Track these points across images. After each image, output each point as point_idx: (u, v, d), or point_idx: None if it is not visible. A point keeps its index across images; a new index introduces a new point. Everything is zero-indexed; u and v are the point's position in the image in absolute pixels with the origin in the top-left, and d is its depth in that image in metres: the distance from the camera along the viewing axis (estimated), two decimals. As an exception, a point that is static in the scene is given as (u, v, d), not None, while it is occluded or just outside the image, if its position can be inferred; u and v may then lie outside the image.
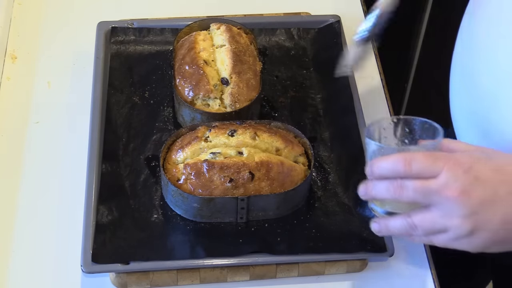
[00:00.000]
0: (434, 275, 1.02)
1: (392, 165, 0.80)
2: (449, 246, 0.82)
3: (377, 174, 0.82)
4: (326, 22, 1.25)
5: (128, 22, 1.23)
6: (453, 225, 0.79)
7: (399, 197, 0.80)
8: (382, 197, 0.83)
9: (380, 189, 0.82)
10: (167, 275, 0.97)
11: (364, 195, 0.85)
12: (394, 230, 0.85)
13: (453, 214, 0.79)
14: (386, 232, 0.86)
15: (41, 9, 1.32)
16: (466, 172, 0.78)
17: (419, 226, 0.81)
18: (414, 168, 0.79)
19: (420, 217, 0.81)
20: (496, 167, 0.79)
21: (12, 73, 1.22)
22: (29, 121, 1.16)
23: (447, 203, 0.78)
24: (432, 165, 0.79)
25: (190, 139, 1.02)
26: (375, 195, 0.83)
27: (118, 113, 1.12)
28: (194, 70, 1.09)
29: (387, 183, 0.81)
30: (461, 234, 0.80)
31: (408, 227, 0.82)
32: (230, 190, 0.98)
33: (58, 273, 1.00)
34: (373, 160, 0.83)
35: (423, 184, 0.79)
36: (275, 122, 1.07)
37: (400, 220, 0.83)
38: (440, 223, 0.80)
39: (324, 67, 1.20)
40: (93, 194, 1.01)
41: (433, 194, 0.79)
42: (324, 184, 1.06)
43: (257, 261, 0.97)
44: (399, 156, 0.80)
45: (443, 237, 0.81)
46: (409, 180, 0.80)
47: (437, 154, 0.80)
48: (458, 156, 0.80)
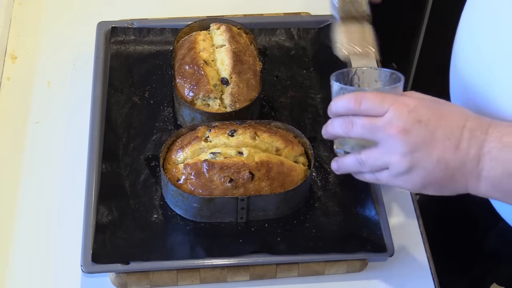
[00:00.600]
0: (434, 275, 1.02)
1: (346, 103, 0.87)
2: (390, 183, 0.88)
3: (333, 111, 0.90)
4: (326, 22, 1.25)
5: (128, 22, 1.23)
6: (393, 162, 0.85)
7: (349, 133, 0.87)
8: (336, 133, 0.90)
9: (334, 126, 0.89)
10: (167, 275, 0.97)
11: (324, 133, 0.92)
12: (347, 167, 0.92)
13: (393, 151, 0.85)
14: (342, 169, 0.93)
15: (41, 9, 1.32)
16: (409, 113, 0.84)
17: (365, 161, 0.88)
18: (363, 106, 0.86)
19: (367, 154, 0.88)
20: (439, 112, 0.85)
21: (12, 73, 1.22)
22: (29, 121, 1.16)
23: (389, 140, 0.85)
24: (380, 104, 0.85)
25: (190, 139, 1.02)
26: (331, 131, 0.91)
27: (118, 113, 1.12)
28: (194, 70, 1.09)
29: (340, 119, 0.89)
30: (400, 170, 0.85)
31: (357, 163, 0.89)
32: (230, 190, 0.98)
33: (58, 273, 1.00)
34: (333, 99, 0.90)
35: (370, 121, 0.85)
36: (275, 122, 1.07)
37: (352, 157, 0.90)
38: (383, 159, 0.86)
39: (324, 67, 1.20)
40: (93, 194, 1.01)
41: (377, 131, 0.85)
42: (324, 184, 1.06)
43: (257, 261, 0.97)
44: (352, 94, 0.87)
45: (386, 173, 0.87)
46: (358, 118, 0.86)
47: (386, 94, 0.86)
48: (405, 98, 0.86)
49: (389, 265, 1.02)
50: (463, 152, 0.83)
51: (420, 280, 1.01)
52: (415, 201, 1.09)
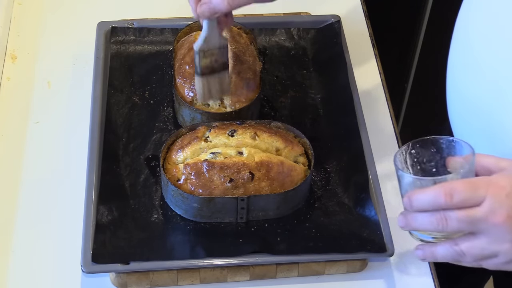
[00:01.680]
0: (434, 275, 1.02)
1: (433, 198, 0.80)
2: (500, 269, 0.83)
3: (417, 207, 0.82)
4: (326, 22, 1.25)
5: (128, 22, 1.23)
6: (503, 250, 0.80)
7: (443, 229, 0.80)
8: (425, 229, 0.83)
9: (422, 222, 0.82)
10: (167, 275, 0.97)
11: (405, 227, 0.84)
12: (439, 257, 0.84)
13: (502, 240, 0.79)
14: (432, 258, 0.86)
15: (41, 9, 1.32)
16: (508, 196, 0.78)
17: (468, 253, 0.82)
18: (455, 199, 0.79)
19: (468, 245, 0.81)
20: None
21: (12, 73, 1.22)
22: (29, 121, 1.16)
23: (494, 230, 0.79)
24: (474, 193, 0.78)
25: (190, 139, 1.02)
26: (417, 227, 0.83)
27: (118, 113, 1.12)
28: (194, 70, 1.09)
29: (429, 215, 0.81)
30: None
31: (455, 255, 0.82)
32: (230, 190, 0.98)
33: (58, 273, 1.00)
34: (410, 192, 0.82)
35: (468, 214, 0.79)
36: (275, 122, 1.07)
37: (447, 247, 0.83)
38: (490, 249, 0.80)
39: (324, 67, 1.20)
40: (93, 194, 1.01)
41: (479, 222, 0.79)
42: (324, 184, 1.06)
43: (257, 261, 0.97)
44: (439, 188, 0.80)
45: (494, 261, 0.82)
46: (452, 211, 0.79)
47: (476, 181, 0.80)
48: (497, 180, 0.80)
49: (389, 265, 1.02)
50: None
51: (420, 280, 1.01)
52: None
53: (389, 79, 1.24)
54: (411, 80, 1.93)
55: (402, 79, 1.92)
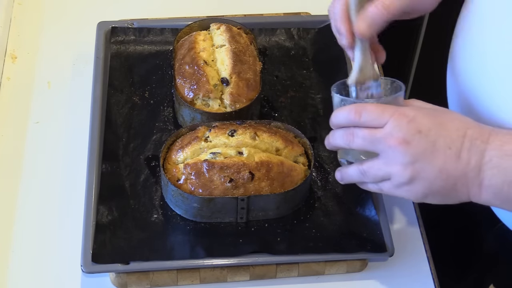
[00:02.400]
0: (434, 275, 1.02)
1: (346, 114, 0.88)
2: (393, 193, 0.88)
3: (334, 123, 0.90)
4: (326, 22, 1.24)
5: (128, 22, 1.23)
6: (395, 172, 0.85)
7: (350, 144, 0.88)
8: (338, 144, 0.91)
9: (336, 137, 0.90)
10: (167, 275, 0.97)
11: (327, 144, 0.93)
12: (350, 178, 0.92)
13: (394, 162, 0.85)
14: (346, 179, 0.94)
15: (41, 9, 1.32)
16: (409, 123, 0.84)
17: (368, 172, 0.88)
18: (363, 118, 0.86)
19: (369, 164, 0.88)
20: (439, 121, 0.85)
21: (12, 73, 1.22)
22: (29, 121, 1.16)
23: (389, 151, 0.85)
24: (380, 115, 0.85)
25: (190, 139, 1.02)
26: (333, 143, 0.91)
27: (118, 113, 1.12)
28: (194, 70, 1.09)
29: (342, 131, 0.89)
30: (402, 181, 0.86)
31: (360, 174, 0.90)
32: (230, 190, 0.98)
33: (58, 273, 1.00)
34: (334, 111, 0.91)
35: (370, 132, 0.86)
36: (275, 122, 1.07)
37: (354, 167, 0.91)
38: (384, 170, 0.86)
39: (324, 67, 1.20)
40: (93, 194, 1.01)
41: (378, 142, 0.85)
42: (324, 184, 1.06)
43: (257, 261, 0.97)
44: (352, 106, 0.88)
45: (388, 184, 0.88)
46: (359, 129, 0.87)
47: (386, 106, 0.86)
48: (405, 109, 0.86)
49: (389, 265, 1.02)
50: (464, 161, 0.83)
51: (420, 280, 1.01)
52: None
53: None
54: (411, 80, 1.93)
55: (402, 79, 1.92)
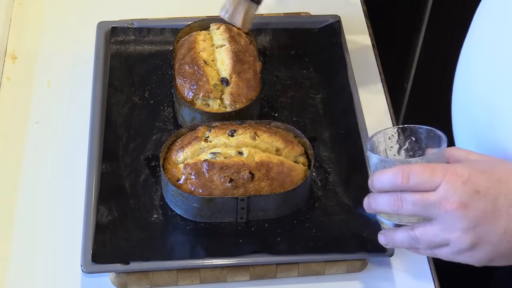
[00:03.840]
0: (434, 275, 1.02)
1: (391, 178, 0.80)
2: (452, 259, 0.82)
3: (377, 187, 0.82)
4: (326, 22, 1.25)
5: (128, 22, 1.23)
6: (454, 239, 0.79)
7: (398, 211, 0.80)
8: (383, 210, 0.83)
9: (381, 203, 0.82)
10: (167, 275, 0.97)
11: (368, 208, 0.85)
12: (398, 243, 0.85)
13: (453, 228, 0.78)
14: (392, 244, 0.86)
15: (41, 9, 1.32)
16: (464, 184, 0.77)
17: (421, 239, 0.81)
18: (412, 181, 0.79)
19: (421, 230, 0.81)
20: (496, 177, 0.78)
21: (12, 73, 1.22)
22: (29, 121, 1.16)
23: (446, 216, 0.78)
24: (430, 177, 0.78)
25: (190, 139, 1.02)
26: (376, 209, 0.84)
27: (118, 113, 1.12)
28: (194, 70, 1.09)
29: (387, 196, 0.81)
30: (463, 247, 0.79)
31: (411, 240, 0.82)
32: (230, 190, 0.98)
33: (58, 273, 1.00)
34: (374, 173, 0.83)
35: (421, 197, 0.79)
36: (275, 122, 1.07)
37: (404, 233, 0.83)
38: (441, 236, 0.80)
39: (324, 67, 1.20)
40: (93, 194, 1.01)
41: (432, 207, 0.78)
42: (324, 184, 1.06)
43: (257, 261, 0.97)
44: (398, 168, 0.80)
45: (446, 250, 0.81)
46: (408, 193, 0.79)
47: (435, 165, 0.79)
48: (456, 167, 0.79)
49: (389, 265, 1.02)
50: None
51: (420, 280, 1.01)
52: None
53: (389, 79, 1.24)
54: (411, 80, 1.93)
55: (402, 79, 1.92)
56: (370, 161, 0.85)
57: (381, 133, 0.87)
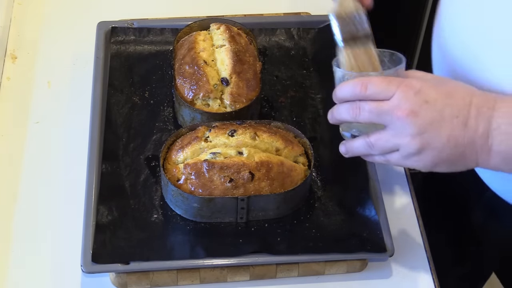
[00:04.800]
0: (434, 275, 1.02)
1: (351, 88, 0.88)
2: (402, 164, 0.90)
3: (339, 97, 0.91)
4: (326, 22, 1.24)
5: (128, 22, 1.23)
6: (403, 143, 0.86)
7: (356, 118, 0.88)
8: (343, 118, 0.91)
9: (341, 111, 0.90)
10: (167, 275, 0.97)
11: (330, 118, 0.93)
12: (356, 150, 0.93)
13: (403, 133, 0.86)
14: (351, 153, 0.94)
15: (41, 9, 1.32)
16: (416, 95, 0.85)
17: (375, 144, 0.89)
18: (369, 91, 0.87)
19: (376, 137, 0.89)
20: (445, 91, 0.86)
21: (12, 73, 1.22)
22: (29, 121, 1.16)
23: (398, 123, 0.85)
24: (386, 87, 0.86)
25: (190, 139, 1.02)
26: (337, 117, 0.92)
27: (118, 113, 1.12)
28: (194, 70, 1.09)
29: (347, 105, 0.89)
30: (411, 152, 0.86)
31: (366, 146, 0.90)
32: (230, 190, 0.98)
33: (58, 273, 1.00)
34: (338, 85, 0.91)
35: (377, 105, 0.86)
36: (275, 122, 1.07)
37: (361, 140, 0.91)
38: (392, 141, 0.87)
39: (324, 67, 1.20)
40: (93, 194, 1.01)
41: (385, 114, 0.86)
42: (324, 184, 1.06)
43: (257, 261, 0.97)
44: (358, 80, 0.88)
45: (396, 155, 0.88)
46: (365, 102, 0.87)
47: (391, 78, 0.87)
48: (411, 81, 0.87)
49: (389, 265, 1.02)
50: (472, 129, 0.84)
51: (420, 280, 1.01)
52: (415, 201, 1.09)
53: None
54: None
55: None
56: (336, 76, 0.93)
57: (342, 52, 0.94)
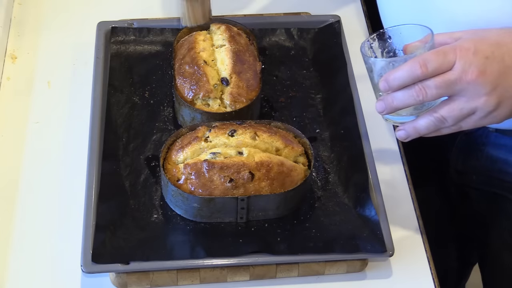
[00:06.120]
0: (434, 275, 1.02)
1: (409, 71, 0.86)
2: (478, 125, 0.89)
3: (396, 84, 0.87)
4: (326, 22, 1.25)
5: (128, 22, 1.23)
6: (480, 105, 0.86)
7: (424, 99, 0.86)
8: (407, 104, 0.88)
9: (403, 98, 0.88)
10: (167, 275, 0.97)
11: (384, 110, 0.90)
12: (424, 130, 0.91)
13: (478, 95, 0.86)
14: (415, 133, 0.92)
15: (41, 9, 1.32)
16: (474, 55, 0.85)
17: (448, 117, 0.88)
18: (430, 68, 0.85)
19: (447, 109, 0.88)
20: (493, 41, 0.87)
21: (12, 73, 1.22)
22: (29, 121, 1.16)
23: (469, 87, 0.85)
24: (444, 59, 0.85)
25: (190, 139, 1.02)
26: (398, 106, 0.89)
27: (118, 113, 1.12)
28: (194, 70, 1.09)
29: (408, 90, 0.87)
30: (489, 109, 0.87)
31: (437, 122, 0.89)
32: (230, 190, 0.98)
33: (58, 273, 1.00)
34: (386, 74, 0.88)
35: (443, 78, 0.85)
36: (275, 122, 1.07)
37: (427, 118, 0.90)
38: (467, 107, 0.87)
39: (324, 67, 1.20)
40: (93, 194, 1.01)
41: (454, 84, 0.85)
42: (324, 184, 1.06)
43: (257, 261, 0.97)
44: (413, 62, 0.86)
45: (472, 118, 0.88)
46: (429, 80, 0.86)
47: (443, 49, 0.86)
48: (462, 44, 0.86)
49: (389, 265, 1.02)
50: None
51: (420, 280, 1.01)
52: (415, 201, 1.09)
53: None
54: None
55: None
56: (376, 67, 0.90)
57: (364, 43, 0.93)
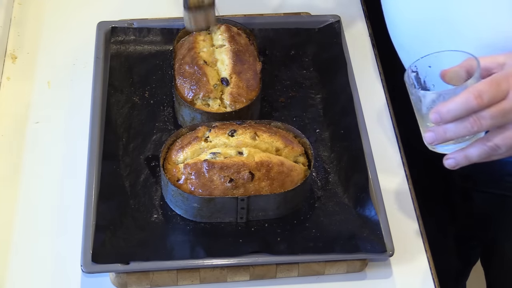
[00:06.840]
0: (434, 275, 1.02)
1: (464, 104, 0.84)
2: None
3: (449, 117, 0.86)
4: (326, 22, 1.25)
5: (128, 22, 1.23)
6: None
7: (478, 130, 0.86)
8: (460, 136, 0.87)
9: (456, 130, 0.87)
10: (167, 275, 0.97)
11: (435, 141, 0.89)
12: (474, 158, 0.89)
13: None
14: (466, 162, 0.90)
15: (41, 9, 1.32)
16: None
17: (503, 145, 0.87)
18: (485, 99, 0.84)
19: (501, 137, 0.87)
20: None
21: (12, 73, 1.22)
22: (29, 121, 1.16)
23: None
24: (497, 88, 0.84)
25: (190, 139, 1.02)
26: (451, 137, 0.88)
27: (118, 113, 1.12)
28: (194, 70, 1.09)
29: (462, 122, 0.86)
30: None
31: (490, 150, 0.88)
32: (230, 190, 0.98)
33: (58, 273, 1.00)
34: (438, 106, 0.86)
35: (498, 108, 0.84)
36: (275, 122, 1.07)
37: (479, 147, 0.89)
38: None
39: (324, 67, 1.20)
40: (93, 194, 1.01)
41: (509, 113, 0.85)
42: (324, 184, 1.06)
43: (257, 261, 0.97)
44: (466, 93, 0.84)
45: None
46: (484, 111, 0.84)
47: (495, 78, 0.85)
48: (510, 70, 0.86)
49: (389, 265, 1.02)
50: None
51: (420, 280, 1.01)
52: (415, 201, 1.09)
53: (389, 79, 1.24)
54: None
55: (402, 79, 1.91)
56: (425, 100, 0.89)
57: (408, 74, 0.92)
